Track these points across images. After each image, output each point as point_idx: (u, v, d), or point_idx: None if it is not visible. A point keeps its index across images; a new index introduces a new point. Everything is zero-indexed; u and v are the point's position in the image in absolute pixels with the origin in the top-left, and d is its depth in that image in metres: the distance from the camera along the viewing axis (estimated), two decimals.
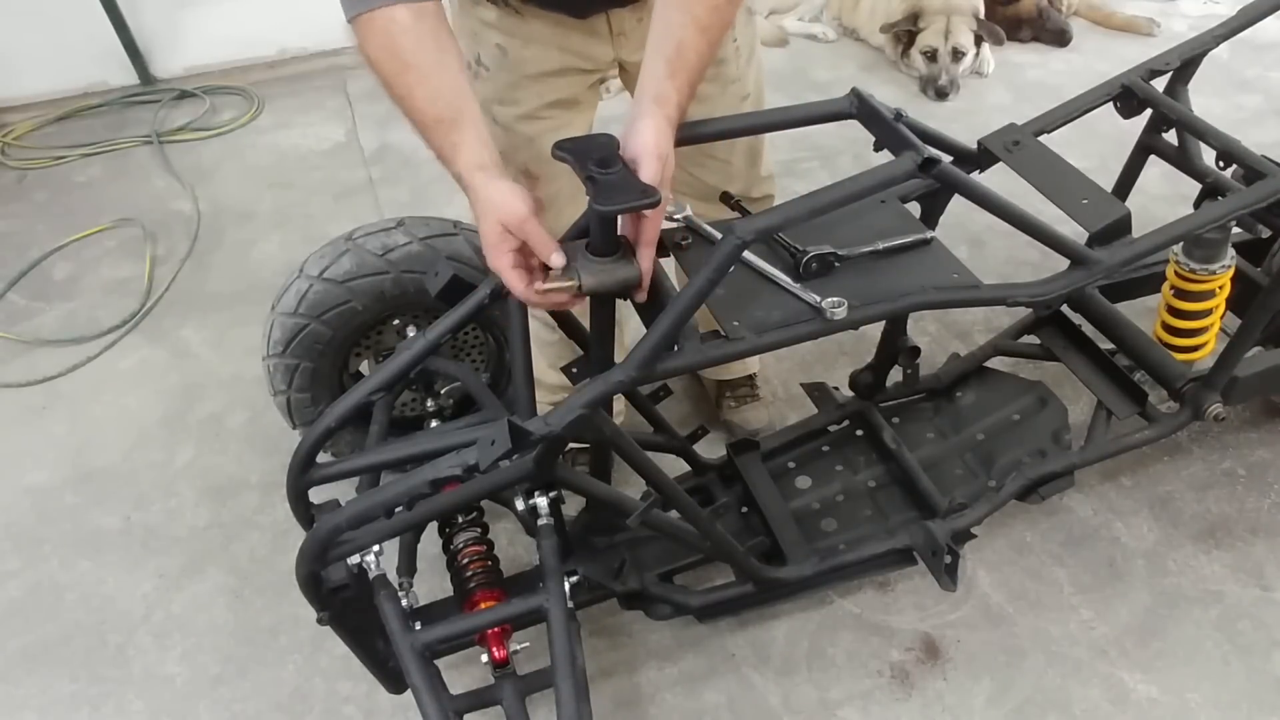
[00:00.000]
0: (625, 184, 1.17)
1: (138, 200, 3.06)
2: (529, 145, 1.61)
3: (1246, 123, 3.15)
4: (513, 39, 1.54)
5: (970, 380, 1.93)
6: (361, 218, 2.16)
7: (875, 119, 1.35)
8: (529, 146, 1.61)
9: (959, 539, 1.65)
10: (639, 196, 1.16)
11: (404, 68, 1.26)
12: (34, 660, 1.82)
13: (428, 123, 1.28)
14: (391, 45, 1.26)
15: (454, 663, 1.63)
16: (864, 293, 1.32)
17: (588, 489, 1.43)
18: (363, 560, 1.40)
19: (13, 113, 3.49)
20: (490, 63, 1.58)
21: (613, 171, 1.18)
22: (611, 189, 1.16)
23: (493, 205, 1.24)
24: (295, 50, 3.79)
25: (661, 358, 1.25)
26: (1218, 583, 1.82)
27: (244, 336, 2.46)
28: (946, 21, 3.47)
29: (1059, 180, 1.52)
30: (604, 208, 1.16)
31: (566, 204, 1.67)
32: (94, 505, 2.10)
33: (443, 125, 1.27)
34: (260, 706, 1.72)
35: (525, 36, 1.54)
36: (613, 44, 1.58)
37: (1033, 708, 1.65)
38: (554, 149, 1.24)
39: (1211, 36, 1.74)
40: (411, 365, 1.48)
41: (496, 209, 1.23)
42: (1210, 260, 1.63)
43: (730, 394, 2.15)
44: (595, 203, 1.15)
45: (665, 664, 1.74)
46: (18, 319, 2.62)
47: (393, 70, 1.27)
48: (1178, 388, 1.70)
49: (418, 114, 1.28)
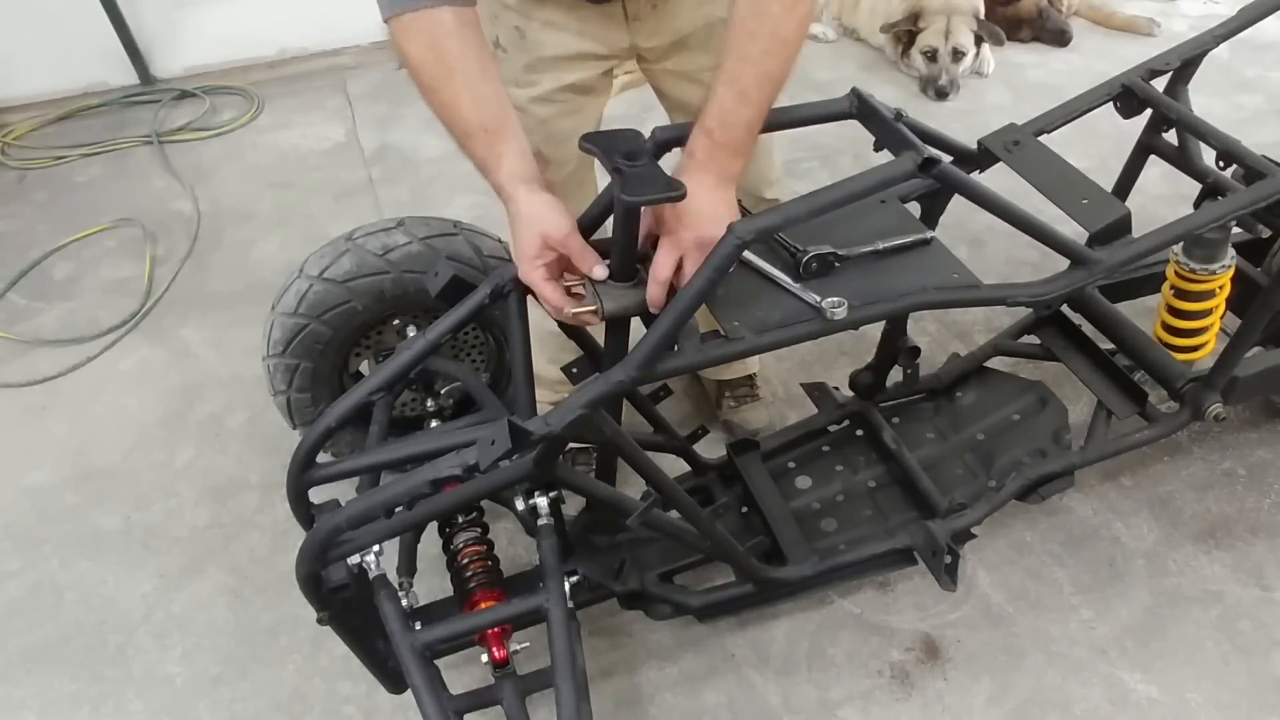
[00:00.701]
0: (651, 177, 1.19)
1: (138, 200, 3.06)
2: (541, 127, 1.62)
3: (1246, 123, 3.15)
4: (530, 21, 1.55)
5: (970, 380, 1.93)
6: (361, 218, 2.16)
7: (875, 119, 1.35)
8: (541, 128, 1.62)
9: (959, 539, 1.65)
10: (665, 189, 1.18)
11: (449, 72, 1.26)
12: (34, 660, 1.82)
13: (471, 130, 1.28)
14: (437, 48, 1.25)
15: (454, 663, 1.63)
16: (864, 293, 1.32)
17: (588, 489, 1.43)
18: (363, 560, 1.40)
19: (13, 113, 3.49)
20: (508, 44, 1.58)
21: (639, 164, 1.20)
22: (638, 181, 1.18)
23: (536, 219, 1.26)
24: (295, 50, 3.79)
25: (661, 358, 1.25)
26: (1218, 583, 1.82)
27: (244, 336, 2.46)
28: (946, 21, 3.47)
29: (1059, 180, 1.52)
30: (630, 198, 1.17)
31: (573, 190, 1.69)
32: (94, 505, 2.10)
33: (487, 134, 1.27)
34: (260, 706, 1.72)
35: (543, 20, 1.54)
36: (628, 29, 1.58)
37: (1033, 708, 1.65)
38: (581, 141, 1.26)
39: (1211, 36, 1.74)
40: (411, 365, 1.48)
41: (540, 222, 1.26)
42: (1210, 260, 1.63)
43: (730, 394, 2.15)
44: (622, 193, 1.17)
45: (665, 664, 1.74)
46: (18, 319, 2.62)
47: (437, 75, 1.26)
48: (1178, 388, 1.70)
49: (461, 121, 1.28)
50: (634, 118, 1.61)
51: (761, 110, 1.25)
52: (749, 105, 1.23)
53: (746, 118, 1.24)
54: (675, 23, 1.58)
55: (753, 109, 1.24)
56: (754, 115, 1.25)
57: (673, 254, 1.27)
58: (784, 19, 1.20)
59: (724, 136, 1.25)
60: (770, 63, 1.22)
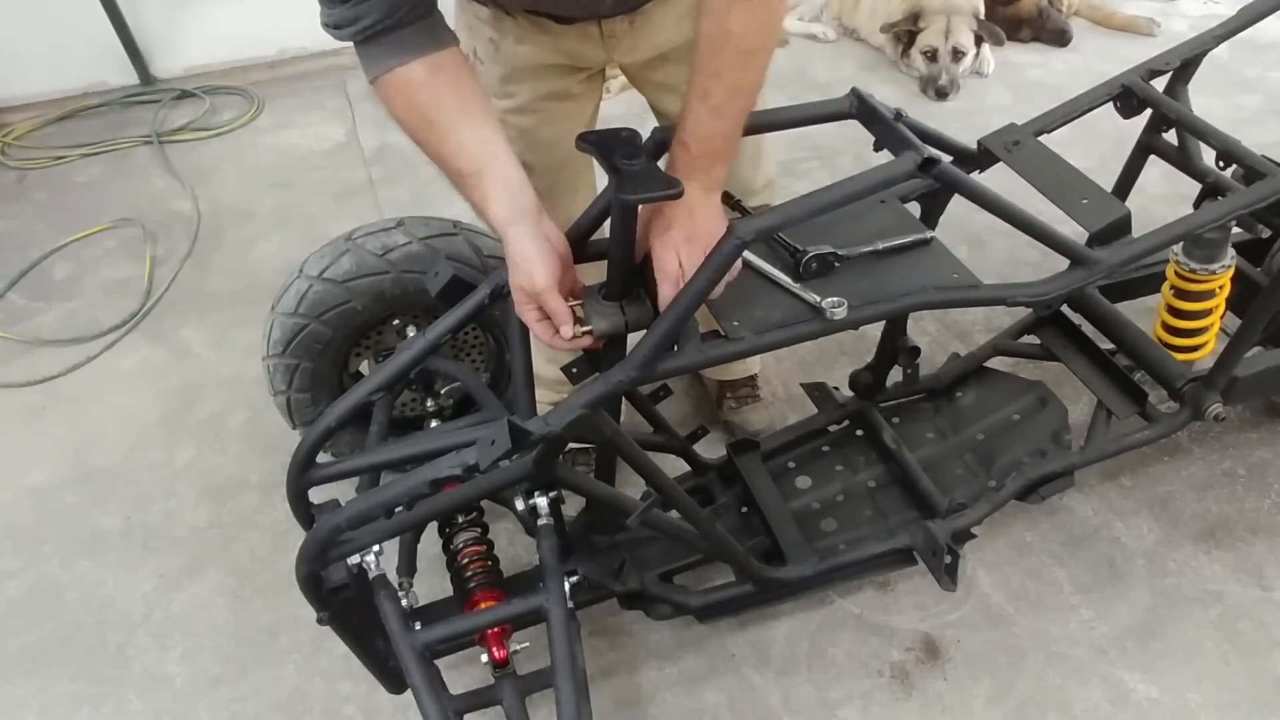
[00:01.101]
0: (649, 176, 1.20)
1: (138, 200, 3.06)
2: (523, 137, 1.61)
3: (1246, 123, 3.15)
4: (504, 36, 1.55)
5: (970, 380, 1.93)
6: (361, 218, 2.16)
7: (875, 119, 1.35)
8: (523, 138, 1.61)
9: (959, 539, 1.65)
10: (662, 187, 1.18)
11: (426, 124, 1.27)
12: (34, 660, 1.82)
13: (456, 176, 1.30)
14: (412, 103, 1.27)
15: (454, 663, 1.63)
16: (864, 293, 1.32)
17: (588, 489, 1.43)
18: (363, 560, 1.40)
19: (13, 113, 3.49)
20: (484, 56, 1.58)
21: (636, 163, 1.20)
22: (635, 180, 1.18)
23: (518, 270, 1.28)
24: (295, 50, 3.79)
25: (662, 358, 1.26)
26: (1218, 583, 1.82)
27: (244, 336, 2.46)
28: (946, 21, 3.47)
29: (1059, 180, 1.52)
30: (628, 197, 1.18)
31: (563, 194, 1.68)
32: (94, 505, 2.10)
33: (470, 178, 1.29)
34: (260, 706, 1.72)
35: (516, 35, 1.54)
36: (604, 46, 1.57)
37: (1033, 708, 1.65)
38: (577, 140, 1.26)
39: (1211, 36, 1.74)
40: (411, 365, 1.48)
41: (521, 274, 1.27)
42: (1210, 260, 1.63)
43: (731, 394, 2.15)
44: (619, 193, 1.17)
45: (665, 664, 1.74)
46: (18, 319, 2.62)
47: (416, 127, 1.28)
48: (1178, 388, 1.70)
49: (446, 168, 1.30)
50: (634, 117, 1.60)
51: (736, 121, 1.25)
52: (721, 119, 1.24)
53: (721, 129, 1.25)
54: (654, 39, 1.58)
55: (726, 121, 1.25)
56: (729, 127, 1.25)
57: (670, 251, 1.27)
58: (746, 34, 1.20)
59: (700, 149, 1.25)
60: (737, 75, 1.22)
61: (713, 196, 1.29)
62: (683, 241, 1.26)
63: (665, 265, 1.27)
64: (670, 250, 1.27)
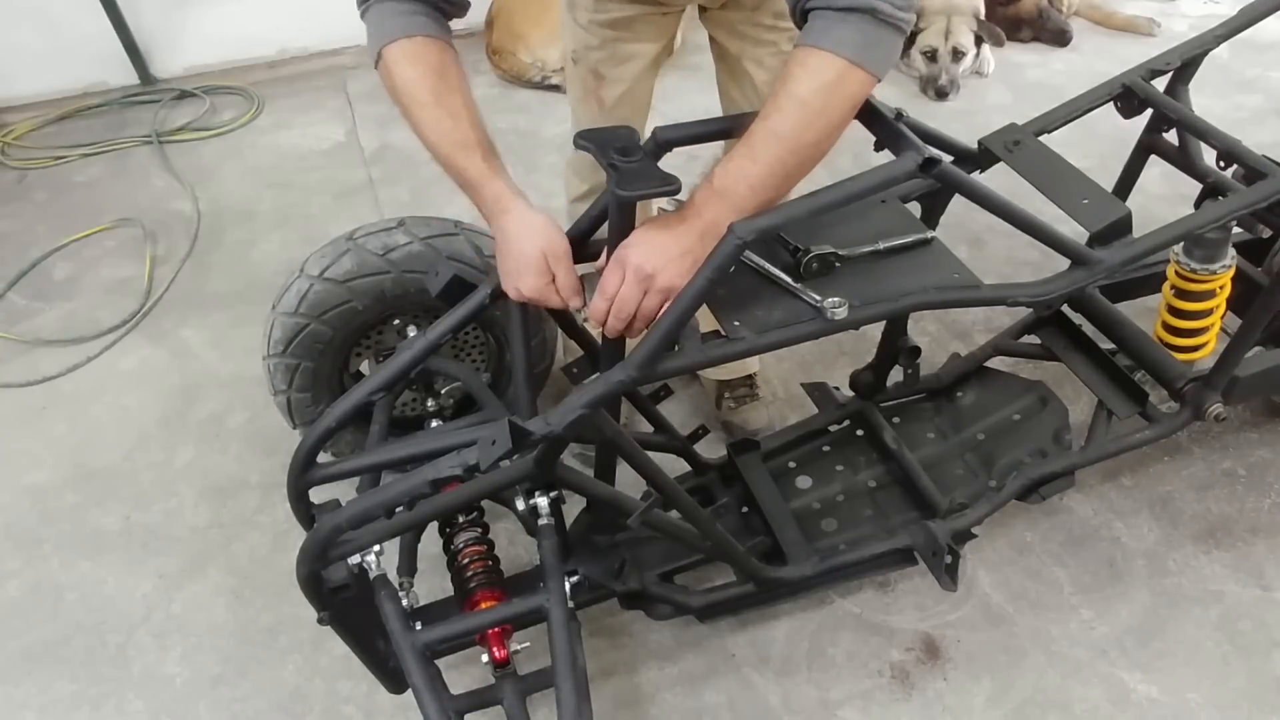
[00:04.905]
0: (646, 172, 1.22)
1: (138, 200, 3.06)
2: (603, 47, 1.71)
3: (1247, 123, 3.15)
4: None
5: (970, 380, 1.93)
6: (362, 217, 2.16)
7: (875, 119, 1.36)
8: (603, 49, 1.71)
9: (959, 539, 1.65)
10: (660, 184, 1.21)
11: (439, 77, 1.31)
12: (34, 660, 1.81)
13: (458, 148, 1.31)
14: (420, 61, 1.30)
15: (454, 663, 1.63)
16: (864, 292, 1.32)
17: (588, 489, 1.43)
18: (363, 560, 1.40)
19: (13, 113, 3.49)
20: None
21: (633, 160, 1.23)
22: (632, 176, 1.21)
23: (539, 233, 1.29)
24: (295, 50, 3.79)
25: (662, 358, 1.25)
26: (1218, 583, 1.82)
27: (244, 336, 2.46)
28: (946, 21, 3.47)
29: (1059, 180, 1.52)
30: (624, 193, 1.20)
31: (625, 106, 1.78)
32: (94, 505, 2.10)
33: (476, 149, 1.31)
34: (260, 706, 1.72)
35: None
36: None
37: (1033, 708, 1.65)
38: (575, 139, 1.30)
39: (1212, 36, 1.74)
40: (412, 365, 1.48)
41: (543, 238, 1.28)
42: (1211, 260, 1.63)
43: (730, 394, 2.15)
44: (617, 188, 1.20)
45: (665, 664, 1.74)
46: (18, 319, 2.62)
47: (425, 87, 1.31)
48: (1178, 388, 1.70)
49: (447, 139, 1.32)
50: None
51: (768, 169, 1.20)
52: (754, 161, 1.20)
53: (750, 173, 1.21)
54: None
55: (758, 165, 1.20)
56: (760, 173, 1.20)
57: (618, 272, 1.24)
58: (802, 78, 1.17)
59: (722, 184, 1.22)
60: (780, 121, 1.19)
61: (696, 241, 1.22)
62: (633, 273, 1.22)
63: (606, 283, 1.25)
64: (618, 272, 1.23)
